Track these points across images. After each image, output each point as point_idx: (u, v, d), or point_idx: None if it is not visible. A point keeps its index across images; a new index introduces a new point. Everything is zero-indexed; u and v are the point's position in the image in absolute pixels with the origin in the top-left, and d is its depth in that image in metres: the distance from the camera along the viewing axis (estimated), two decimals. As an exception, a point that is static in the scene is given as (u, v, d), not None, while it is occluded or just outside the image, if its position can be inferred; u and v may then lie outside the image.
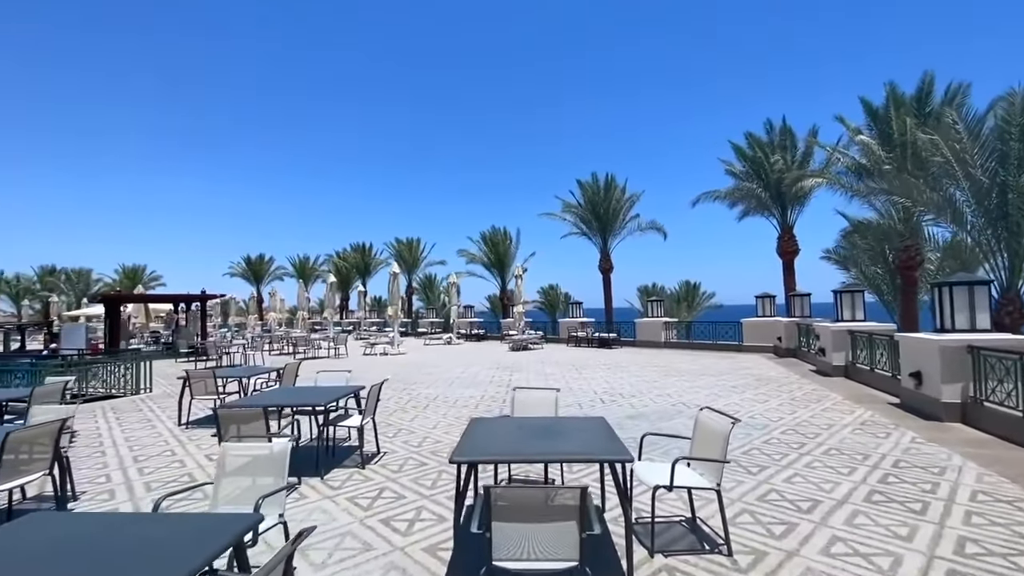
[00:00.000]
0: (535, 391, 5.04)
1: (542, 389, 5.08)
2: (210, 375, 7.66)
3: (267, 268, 50.55)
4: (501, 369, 13.86)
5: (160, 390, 11.31)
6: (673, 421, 7.39)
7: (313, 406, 5.19)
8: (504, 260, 30.55)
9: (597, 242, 26.45)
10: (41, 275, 51.73)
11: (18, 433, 4.06)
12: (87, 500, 4.75)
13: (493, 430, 3.78)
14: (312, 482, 5.00)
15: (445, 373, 13.24)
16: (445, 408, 8.62)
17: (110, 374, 10.95)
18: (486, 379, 12.00)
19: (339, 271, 45.60)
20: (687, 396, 9.33)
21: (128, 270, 50.88)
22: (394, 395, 10.00)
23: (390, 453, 5.97)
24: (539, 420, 4.20)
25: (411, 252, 38.84)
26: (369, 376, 12.78)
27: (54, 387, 6.67)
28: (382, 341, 20.27)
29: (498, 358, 16.92)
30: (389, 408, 8.71)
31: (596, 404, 8.72)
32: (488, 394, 9.90)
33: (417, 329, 31.20)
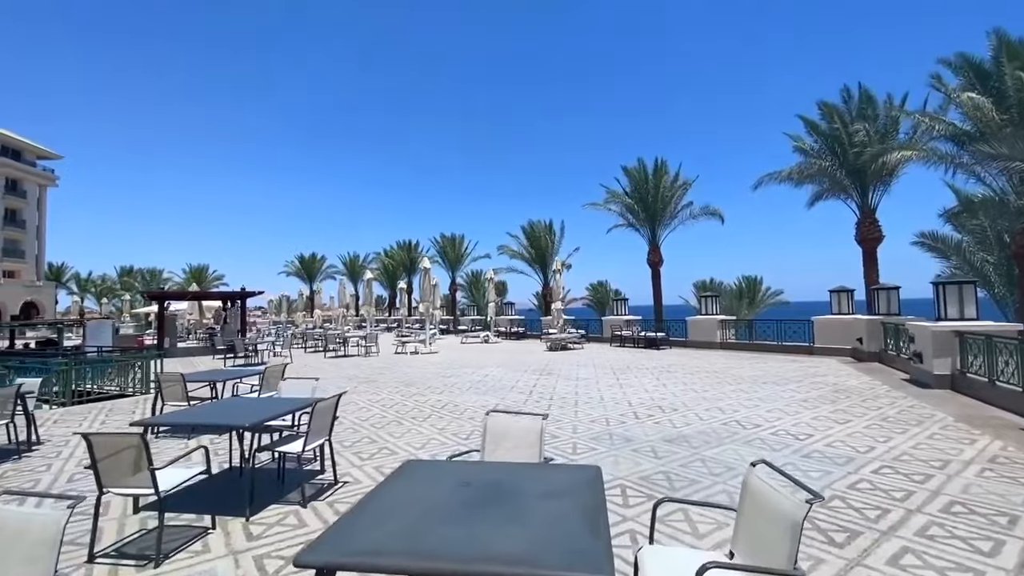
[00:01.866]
0: (516, 417, 3.67)
1: (526, 415, 3.70)
2: (179, 379, 6.82)
3: (319, 266, 51.89)
4: (530, 372, 12.50)
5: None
6: (722, 448, 5.75)
7: (237, 428, 4.08)
8: (546, 255, 29.08)
9: (645, 233, 24.43)
10: (120, 275, 55.83)
11: None
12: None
13: (415, 490, 2.44)
14: (232, 525, 3.89)
15: (468, 376, 12.04)
16: (447, 420, 7.38)
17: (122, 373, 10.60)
18: (509, 384, 10.69)
19: (386, 269, 46.00)
20: (744, 412, 7.58)
21: (194, 269, 53.87)
22: (399, 401, 8.90)
23: (350, 484, 4.79)
24: (501, 471, 2.83)
25: (454, 249, 38.14)
26: (386, 378, 11.83)
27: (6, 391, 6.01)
28: (414, 339, 19.43)
29: (531, 359, 15.56)
30: (387, 418, 7.59)
31: (628, 420, 7.17)
32: (505, 403, 8.58)
33: (458, 327, 30.38)
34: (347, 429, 6.97)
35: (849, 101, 18.22)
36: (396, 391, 10.05)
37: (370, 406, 8.60)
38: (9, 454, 5.98)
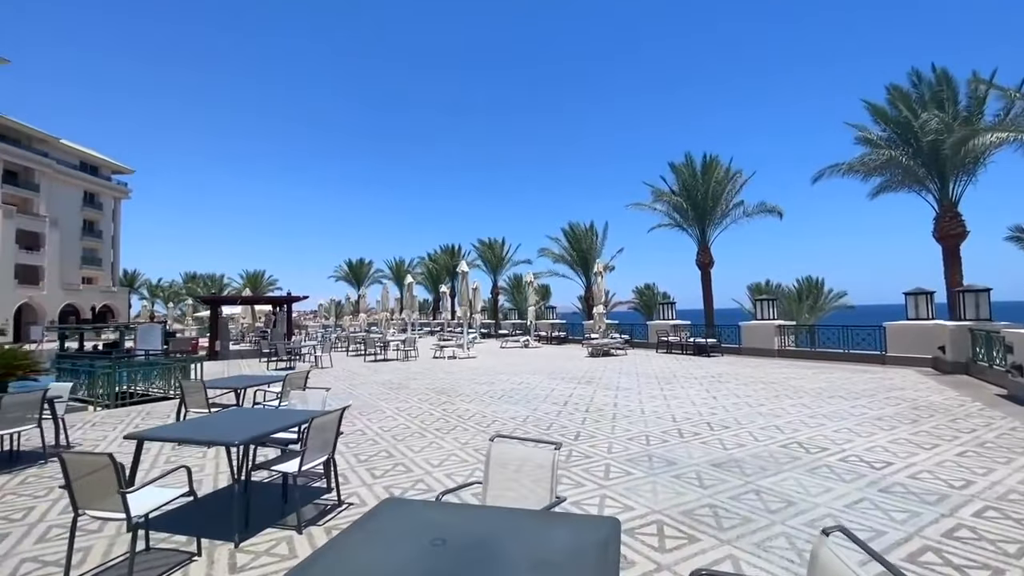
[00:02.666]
0: (525, 447, 3.10)
1: (537, 443, 3.12)
2: (200, 387, 6.70)
3: (367, 271, 53.13)
4: (568, 380, 11.85)
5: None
6: (781, 476, 4.95)
7: (226, 445, 3.74)
8: (589, 257, 28.21)
9: (694, 233, 23.17)
10: (185, 281, 59.37)
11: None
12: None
13: (375, 548, 1.93)
14: (219, 552, 3.54)
15: (502, 383, 11.55)
16: (472, 433, 6.89)
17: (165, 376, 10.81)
18: (544, 392, 10.10)
19: (430, 273, 46.48)
20: (807, 431, 6.66)
21: (250, 275, 56.51)
22: (426, 410, 8.51)
23: (355, 507, 4.37)
24: (493, 520, 2.28)
25: (495, 252, 37.90)
26: (418, 384, 11.49)
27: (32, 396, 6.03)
28: (452, 344, 19.17)
29: (571, 366, 14.88)
30: (410, 428, 7.19)
31: (671, 439, 6.43)
32: (536, 415, 8.01)
33: (499, 331, 30.01)
34: (367, 440, 6.63)
35: (919, 85, 16.45)
36: (426, 399, 9.69)
37: (396, 415, 8.26)
38: (35, 459, 6.00)
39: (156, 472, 5.43)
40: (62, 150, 47.66)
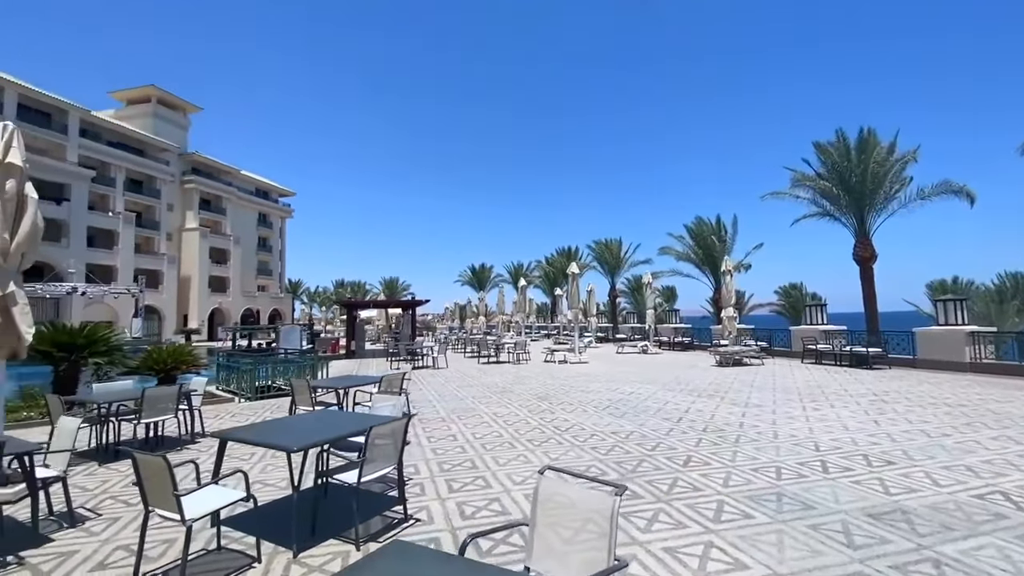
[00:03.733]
0: (580, 486, 2.44)
1: (593, 483, 2.44)
2: (306, 386, 7.02)
3: (488, 275, 54.95)
4: (686, 392, 10.58)
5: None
6: (976, 543, 3.54)
7: (286, 449, 3.63)
8: (716, 255, 25.62)
9: (849, 222, 19.70)
10: (335, 288, 67.21)
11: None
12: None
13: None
14: (277, 561, 3.42)
15: (610, 392, 10.69)
16: (565, 447, 6.26)
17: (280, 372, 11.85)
18: (656, 405, 9.06)
19: (547, 276, 46.54)
20: (1018, 476, 4.88)
21: (387, 281, 62.01)
22: (523, 418, 8.06)
23: (421, 525, 4.04)
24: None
25: (611, 253, 36.48)
26: (522, 388, 11.10)
27: (169, 390, 6.80)
28: (563, 348, 18.59)
29: (692, 375, 13.40)
30: (502, 437, 6.80)
31: (810, 474, 5.15)
32: (643, 431, 7.11)
33: (616, 335, 28.69)
34: (456, 447, 6.37)
35: None
36: (526, 405, 9.27)
37: (492, 421, 7.94)
38: (173, 444, 6.76)
39: (257, 470, 5.71)
40: (242, 179, 56.97)
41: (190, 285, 48.61)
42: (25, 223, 5.12)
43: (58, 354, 9.16)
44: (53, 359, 9.19)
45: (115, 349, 10.21)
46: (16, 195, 5.07)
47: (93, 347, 9.65)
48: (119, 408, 6.42)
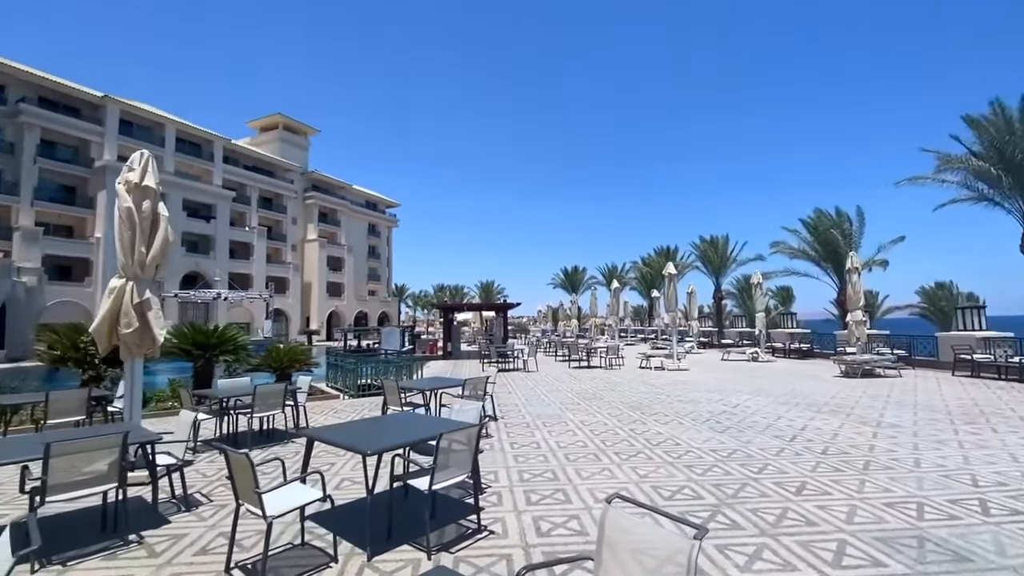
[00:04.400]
0: (655, 522, 2.10)
1: (670, 520, 2.08)
2: (395, 387, 7.25)
3: (581, 278, 54.26)
4: (803, 407, 9.39)
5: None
6: None
7: (360, 452, 3.66)
8: (840, 252, 22.72)
9: (1015, 207, 16.38)
10: (435, 292, 70.59)
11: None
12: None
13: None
14: (352, 563, 3.45)
15: (712, 403, 9.83)
16: (656, 464, 5.77)
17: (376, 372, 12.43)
18: (766, 420, 8.11)
19: (643, 277, 44.77)
20: None
21: (484, 284, 63.77)
22: (612, 428, 7.63)
23: (495, 538, 3.87)
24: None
25: (716, 251, 34.01)
26: (614, 396, 10.59)
27: (277, 386, 7.38)
28: (660, 353, 17.58)
29: (812, 387, 11.92)
30: (587, 448, 6.47)
31: (965, 515, 4.19)
32: (747, 450, 6.36)
33: (721, 340, 26.65)
34: (539, 456, 6.16)
35: None
36: (616, 414, 8.80)
37: (578, 429, 7.62)
38: (281, 437, 7.33)
39: (348, 468, 5.94)
40: (353, 193, 62.04)
41: (311, 290, 53.87)
42: (158, 238, 5.82)
43: (196, 352, 10.47)
44: (192, 356, 10.51)
45: (241, 348, 11.43)
46: (151, 213, 5.79)
47: (223, 346, 10.89)
48: (236, 402, 7.10)
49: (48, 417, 6.44)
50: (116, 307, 5.56)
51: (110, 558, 3.58)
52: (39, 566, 3.40)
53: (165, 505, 4.58)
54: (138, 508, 4.41)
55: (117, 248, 5.63)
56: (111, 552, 3.67)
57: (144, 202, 5.70)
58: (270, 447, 6.84)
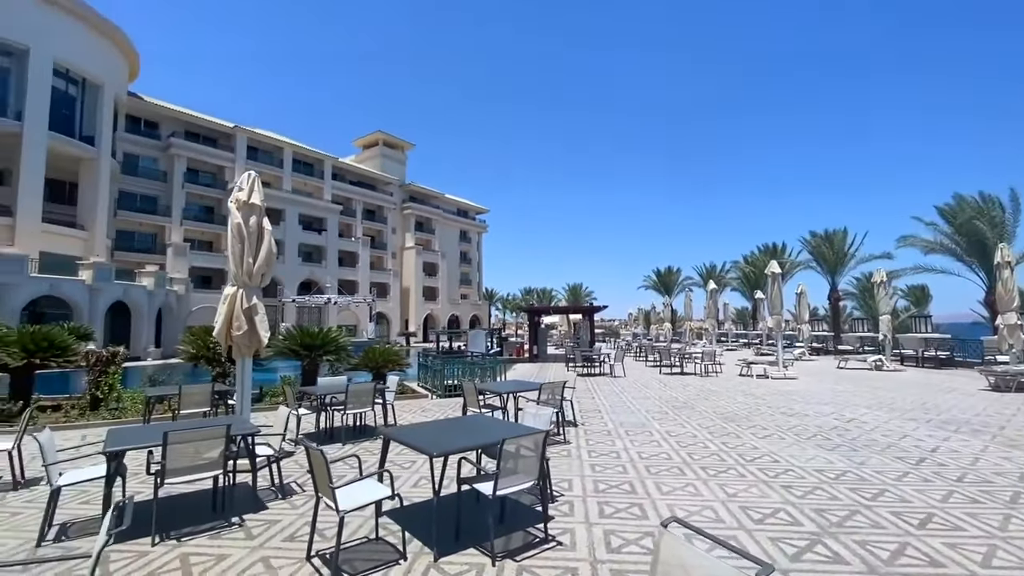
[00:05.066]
0: (712, 554, 1.87)
1: (733, 552, 1.84)
2: (473, 388, 7.36)
3: (676, 279, 51.76)
4: (936, 425, 8.10)
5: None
6: None
7: (427, 453, 3.72)
8: (987, 243, 19.36)
9: None
10: (523, 295, 71.36)
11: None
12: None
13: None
14: (420, 563, 3.52)
15: (822, 417, 8.83)
16: (748, 482, 5.26)
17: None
18: (887, 439, 7.10)
19: (746, 277, 41.67)
20: None
21: (571, 287, 63.25)
22: (702, 440, 7.12)
23: (562, 550, 3.75)
24: None
25: (832, 247, 30.58)
26: (707, 406, 9.93)
27: (367, 385, 7.84)
28: (763, 360, 16.16)
29: (950, 402, 10.26)
30: (672, 460, 6.09)
31: None
32: (860, 472, 5.59)
33: (838, 346, 23.91)
34: (618, 466, 5.90)
35: None
36: (707, 425, 8.20)
37: (663, 440, 7.20)
38: (371, 433, 7.77)
39: (428, 467, 6.12)
40: (446, 202, 64.79)
41: (409, 295, 57.07)
42: (263, 250, 6.44)
43: (303, 352, 11.49)
44: (300, 356, 11.56)
45: (341, 349, 12.34)
46: (257, 228, 6.42)
47: (326, 347, 11.84)
48: (331, 399, 7.65)
49: (180, 408, 7.40)
50: (230, 312, 6.26)
51: (215, 537, 4.00)
52: (159, 539, 3.89)
53: (265, 492, 5.04)
54: (243, 494, 4.89)
55: (229, 259, 6.34)
56: (216, 532, 4.10)
57: (251, 217, 6.35)
58: (360, 442, 7.27)
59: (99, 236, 31.36)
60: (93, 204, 31.21)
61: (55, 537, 4.04)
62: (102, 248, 31.41)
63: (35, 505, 4.68)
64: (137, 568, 3.50)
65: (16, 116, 27.38)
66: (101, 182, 31.73)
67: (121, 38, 33.36)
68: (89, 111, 31.60)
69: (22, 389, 9.89)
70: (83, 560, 3.48)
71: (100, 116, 31.80)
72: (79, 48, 30.32)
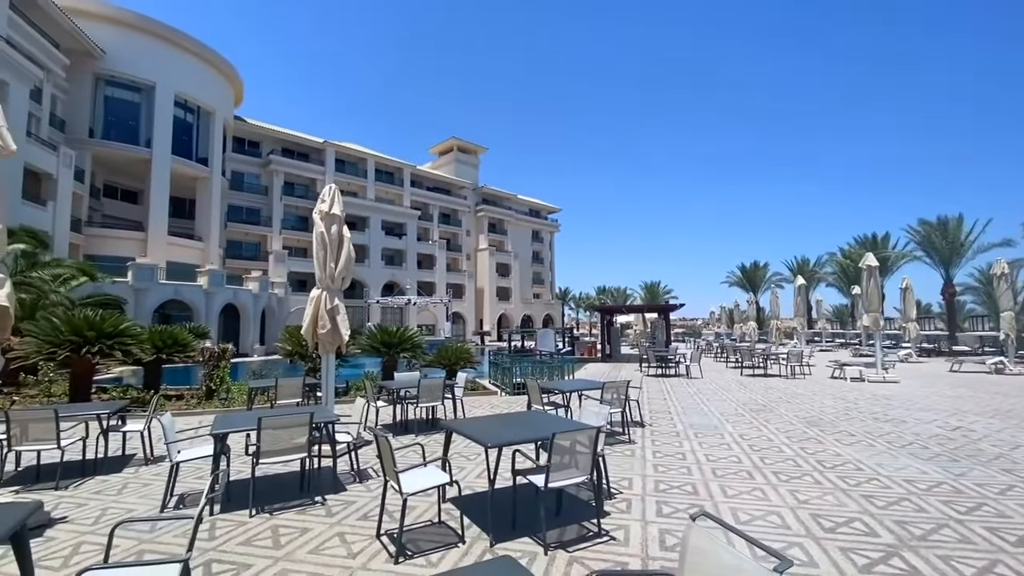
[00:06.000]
0: (738, 550, 1.90)
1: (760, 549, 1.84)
2: (536, 386, 7.52)
3: (763, 275, 48.63)
4: (1066, 435, 7.06)
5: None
6: None
7: (483, 443, 3.92)
8: None
9: None
10: (597, 294, 70.33)
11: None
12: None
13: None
14: (477, 547, 3.76)
15: (920, 424, 8.02)
16: (822, 489, 4.95)
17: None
18: (996, 449, 6.32)
19: (844, 271, 38.19)
20: None
21: (648, 285, 61.36)
22: (779, 444, 6.77)
23: (615, 544, 3.80)
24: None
25: (946, 236, 27.20)
26: (789, 408, 9.43)
27: (436, 380, 8.27)
28: (858, 362, 14.81)
29: (1088, 411, 8.87)
30: (742, 464, 5.87)
31: None
32: (958, 484, 5.06)
33: (953, 346, 21.27)
34: (681, 468, 5.80)
35: None
36: (786, 430, 7.76)
37: (735, 443, 6.93)
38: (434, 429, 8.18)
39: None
40: (518, 203, 65.55)
41: (483, 295, 58.45)
42: (343, 256, 7.05)
43: (383, 349, 12.31)
44: (380, 353, 12.39)
45: (417, 347, 13.06)
46: (338, 236, 7.04)
47: (403, 345, 12.60)
48: (405, 393, 8.17)
49: (277, 398, 8.26)
50: (316, 312, 6.92)
51: (301, 512, 4.50)
52: (255, 511, 4.46)
53: (345, 476, 5.54)
54: (326, 476, 5.43)
55: (315, 264, 7.00)
56: (302, 508, 4.60)
57: (332, 226, 6.97)
58: (431, 434, 7.70)
59: (213, 246, 35.35)
60: (208, 218, 35.25)
61: (175, 504, 4.76)
62: (215, 256, 35.38)
63: (161, 478, 5.50)
64: (238, 534, 4.05)
65: (146, 143, 31.65)
66: (214, 198, 35.76)
67: (228, 69, 37.37)
68: (203, 135, 35.73)
69: (153, 380, 11.52)
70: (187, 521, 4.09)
71: (212, 139, 35.85)
72: (195, 80, 34.41)
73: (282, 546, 3.83)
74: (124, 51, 30.75)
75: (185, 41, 33.45)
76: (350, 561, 3.59)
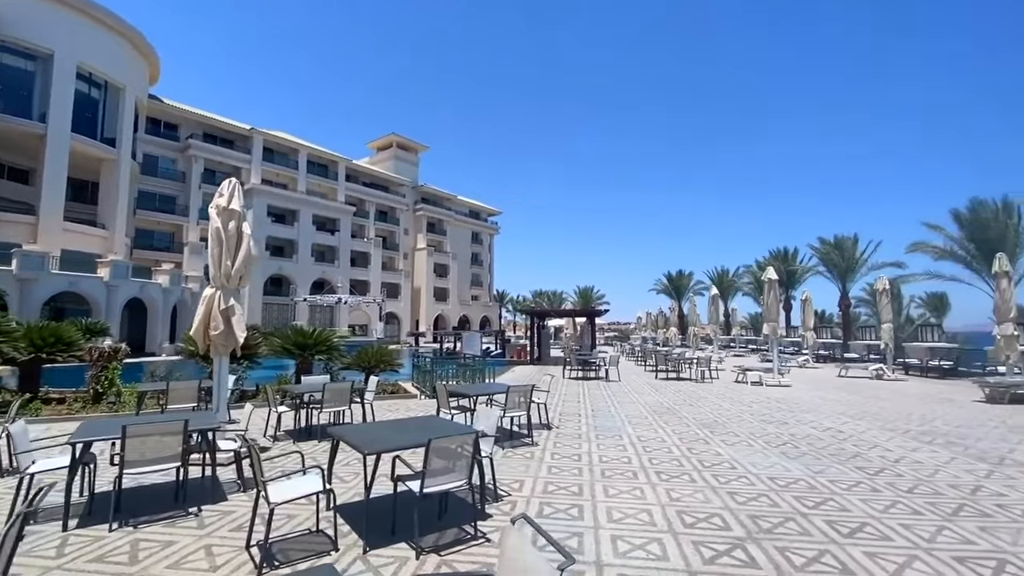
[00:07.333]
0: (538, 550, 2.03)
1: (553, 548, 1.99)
2: (443, 390, 7.55)
3: (687, 283, 51.39)
4: (912, 436, 8.05)
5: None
6: None
7: (361, 451, 3.91)
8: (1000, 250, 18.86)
9: None
10: (534, 297, 71.45)
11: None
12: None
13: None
14: (350, 555, 3.72)
15: (799, 425, 8.83)
16: (693, 488, 5.34)
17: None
18: (855, 448, 7.09)
19: (758, 282, 41.19)
20: None
21: (582, 290, 63.13)
22: (670, 444, 7.20)
23: (489, 546, 3.91)
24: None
25: (843, 254, 30.08)
26: (690, 411, 10.00)
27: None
28: (759, 368, 16.05)
29: (937, 413, 10.16)
30: (631, 464, 6.20)
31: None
32: (813, 481, 5.63)
33: (845, 354, 23.55)
34: (573, 470, 6.03)
35: None
36: (680, 431, 8.27)
37: (631, 445, 7.30)
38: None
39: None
40: (458, 203, 65.31)
41: (420, 295, 57.66)
42: (241, 253, 6.73)
43: (296, 352, 11.84)
44: (293, 355, 11.90)
45: (333, 348, 12.66)
46: (236, 232, 6.71)
47: (318, 347, 12.18)
48: (310, 398, 7.92)
49: (168, 403, 7.74)
50: (207, 312, 6.55)
51: (170, 525, 4.26)
52: (116, 526, 4.16)
53: (230, 485, 5.29)
54: (210, 486, 5.16)
55: (209, 262, 6.64)
56: (172, 520, 4.35)
57: (230, 222, 6.63)
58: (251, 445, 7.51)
59: (118, 235, 32.41)
60: (113, 203, 32.28)
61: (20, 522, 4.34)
62: (121, 246, 32.45)
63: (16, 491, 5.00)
64: (90, 551, 3.77)
65: (40, 117, 28.51)
66: (121, 182, 32.80)
67: (141, 42, 34.45)
68: (111, 113, 32.70)
69: (30, 381, 10.41)
70: (36, 538, 3.77)
71: (121, 118, 32.88)
72: (102, 52, 31.41)
73: (139, 561, 3.62)
74: (17, 14, 27.57)
75: (91, 8, 30.47)
76: (211, 574, 3.45)
